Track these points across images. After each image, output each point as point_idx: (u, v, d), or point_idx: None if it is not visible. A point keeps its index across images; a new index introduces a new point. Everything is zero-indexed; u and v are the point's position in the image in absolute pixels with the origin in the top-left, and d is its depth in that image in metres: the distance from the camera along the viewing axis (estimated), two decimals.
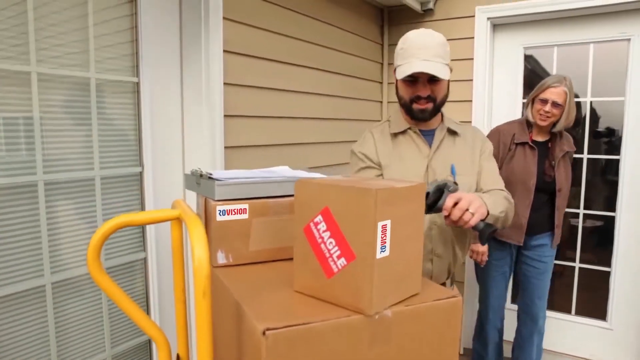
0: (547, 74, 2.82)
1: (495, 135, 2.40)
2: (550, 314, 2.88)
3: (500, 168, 2.20)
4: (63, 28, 1.49)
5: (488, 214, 1.34)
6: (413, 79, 1.49)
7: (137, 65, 1.71)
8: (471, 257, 2.51)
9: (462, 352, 3.04)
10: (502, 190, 1.60)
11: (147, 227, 1.78)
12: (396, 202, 0.82)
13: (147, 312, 1.81)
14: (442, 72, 1.45)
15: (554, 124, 2.28)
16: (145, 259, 1.79)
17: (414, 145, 1.60)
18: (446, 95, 1.57)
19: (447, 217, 1.29)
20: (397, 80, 1.55)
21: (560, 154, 2.32)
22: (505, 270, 2.53)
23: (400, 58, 1.50)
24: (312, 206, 0.86)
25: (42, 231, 1.45)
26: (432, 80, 1.48)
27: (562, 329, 2.99)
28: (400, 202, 0.83)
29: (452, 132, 1.63)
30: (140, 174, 1.75)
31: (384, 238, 0.80)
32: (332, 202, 0.83)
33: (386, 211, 0.80)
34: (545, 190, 2.35)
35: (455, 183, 1.42)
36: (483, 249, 2.44)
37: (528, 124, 2.37)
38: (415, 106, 1.54)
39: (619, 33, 2.57)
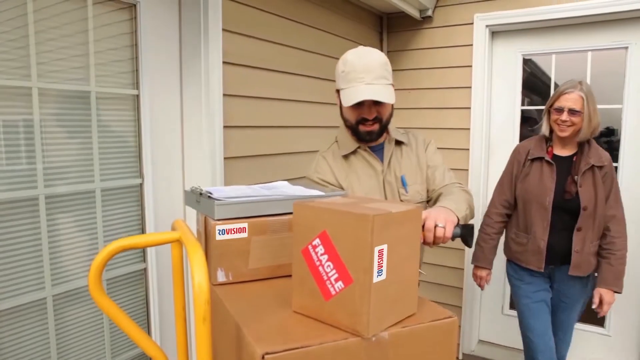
0: (548, 79, 2.84)
1: (513, 153, 2.25)
2: None
3: (515, 187, 2.19)
4: (63, 43, 1.50)
5: (458, 219, 1.34)
6: (358, 103, 1.46)
7: (137, 77, 1.72)
8: (475, 280, 2.37)
9: (461, 358, 3.06)
10: (454, 183, 1.62)
11: None
12: (392, 227, 0.83)
13: (148, 322, 1.83)
14: (387, 96, 1.44)
15: (578, 134, 2.04)
16: (145, 270, 1.81)
17: (366, 164, 1.61)
18: (391, 114, 1.58)
19: (423, 242, 1.28)
20: (340, 102, 1.53)
21: (586, 168, 2.03)
22: (543, 298, 2.20)
23: (343, 81, 1.46)
24: (310, 229, 0.88)
25: (43, 244, 1.47)
26: (377, 102, 1.47)
27: None
28: (396, 227, 0.84)
29: (399, 143, 1.65)
30: (141, 185, 1.76)
31: (381, 262, 0.81)
32: (329, 226, 0.84)
33: (383, 236, 0.81)
34: (567, 210, 2.06)
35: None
36: (482, 272, 2.30)
37: (548, 138, 2.17)
38: (362, 128, 1.54)
39: (616, 41, 2.58)
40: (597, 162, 2.03)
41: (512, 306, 3.05)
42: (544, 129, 2.15)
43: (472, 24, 2.84)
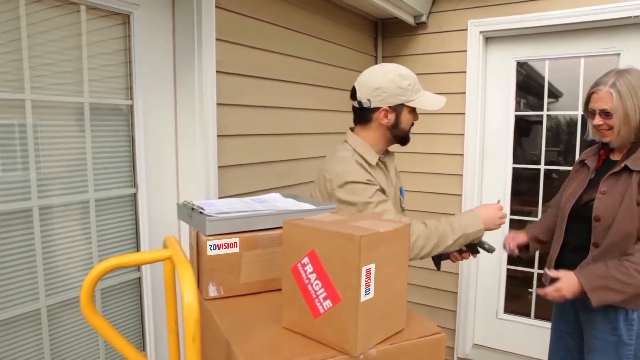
0: (542, 83, 2.85)
1: None
2: (543, 323, 2.91)
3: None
4: (56, 54, 1.51)
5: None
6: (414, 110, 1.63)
7: (130, 87, 1.73)
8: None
9: None
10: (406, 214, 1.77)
11: (142, 246, 1.80)
12: (380, 246, 0.85)
13: (142, 331, 1.84)
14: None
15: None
16: (139, 279, 1.82)
17: (383, 174, 1.65)
18: None
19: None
20: (399, 113, 1.58)
21: (614, 170, 1.67)
22: (565, 331, 1.91)
23: (412, 93, 1.58)
24: (300, 248, 0.89)
25: (37, 255, 1.48)
26: None
27: None
28: (384, 245, 0.86)
29: (391, 154, 1.77)
30: (135, 195, 1.77)
31: (368, 282, 0.82)
32: (318, 245, 0.86)
33: (370, 256, 0.82)
34: (582, 219, 1.73)
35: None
36: (515, 233, 2.04)
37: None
38: (409, 134, 1.67)
39: (608, 48, 2.60)
40: (634, 166, 1.62)
41: (506, 310, 3.07)
42: (590, 134, 1.83)
43: (466, 29, 2.85)
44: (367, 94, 1.56)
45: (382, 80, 1.54)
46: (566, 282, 1.63)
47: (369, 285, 0.83)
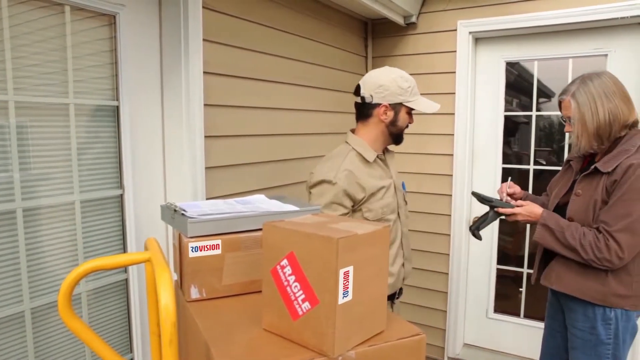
0: (532, 82, 2.86)
1: None
2: (533, 323, 2.93)
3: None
4: (41, 55, 1.50)
5: None
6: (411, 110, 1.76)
7: (117, 88, 1.72)
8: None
9: None
10: None
11: (129, 247, 1.80)
12: (359, 248, 0.85)
13: (129, 332, 1.83)
14: None
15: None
16: (127, 280, 1.81)
17: (382, 171, 1.79)
18: None
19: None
20: (398, 111, 1.73)
21: (586, 172, 1.70)
22: (556, 329, 1.93)
23: (411, 95, 1.72)
24: (279, 249, 0.89)
25: (21, 257, 1.47)
26: None
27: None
28: (363, 247, 0.86)
29: (391, 153, 1.91)
30: (121, 196, 1.76)
31: (346, 284, 0.83)
32: (296, 248, 0.86)
33: (348, 258, 0.82)
34: None
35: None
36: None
37: None
38: (404, 133, 1.81)
39: (596, 49, 2.61)
40: (603, 168, 1.64)
41: (496, 309, 3.08)
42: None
43: (455, 30, 2.86)
44: (370, 90, 1.72)
45: (386, 79, 1.70)
46: (526, 209, 1.78)
47: (347, 287, 0.83)
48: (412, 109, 1.74)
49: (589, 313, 1.69)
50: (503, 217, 1.88)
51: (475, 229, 1.93)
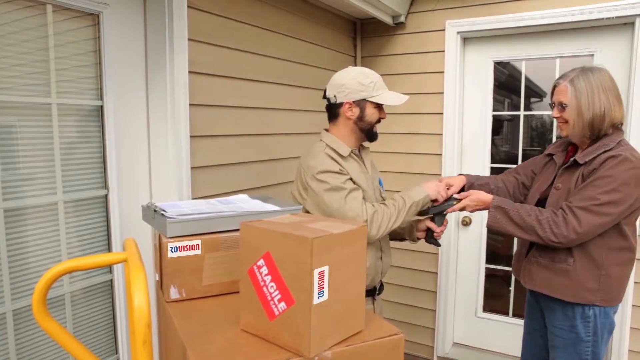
0: (520, 81, 2.88)
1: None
2: (521, 322, 2.94)
3: (530, 185, 1.97)
4: (23, 55, 1.48)
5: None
6: (380, 106, 1.76)
7: (101, 88, 1.71)
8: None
9: None
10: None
11: (114, 248, 1.79)
12: (334, 248, 0.85)
13: (114, 333, 1.82)
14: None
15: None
16: (111, 281, 1.80)
17: (358, 166, 1.80)
18: None
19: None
20: (363, 107, 1.74)
21: (566, 165, 1.71)
22: (535, 328, 1.93)
23: (374, 90, 1.74)
24: (255, 249, 0.89)
25: (3, 258, 1.45)
26: None
27: None
28: (338, 247, 0.86)
29: (366, 149, 1.91)
30: (106, 196, 1.75)
31: (322, 284, 0.82)
32: (272, 248, 0.85)
33: (323, 258, 0.82)
34: None
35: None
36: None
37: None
38: (375, 129, 1.80)
39: (582, 49, 2.63)
40: (582, 159, 1.63)
41: (485, 308, 3.10)
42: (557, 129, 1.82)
43: (443, 30, 2.87)
44: (334, 90, 1.75)
45: (346, 78, 1.74)
46: (471, 199, 1.77)
47: (323, 287, 0.83)
48: (380, 104, 1.75)
49: (568, 312, 1.69)
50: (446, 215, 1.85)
51: (430, 237, 1.88)
